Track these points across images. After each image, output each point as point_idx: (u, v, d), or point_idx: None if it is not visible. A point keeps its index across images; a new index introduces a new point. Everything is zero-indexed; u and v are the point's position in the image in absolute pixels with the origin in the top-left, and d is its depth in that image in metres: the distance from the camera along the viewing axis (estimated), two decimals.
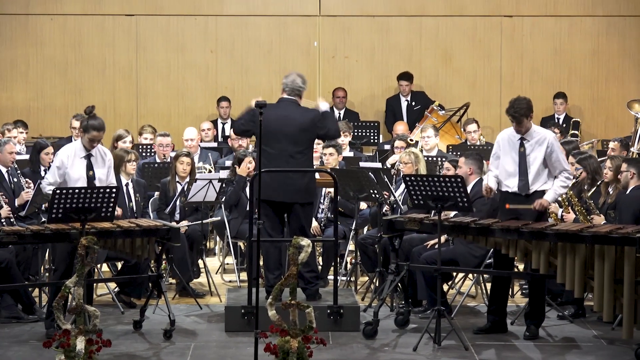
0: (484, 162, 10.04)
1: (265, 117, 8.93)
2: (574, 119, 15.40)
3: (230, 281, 11.39)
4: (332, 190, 10.47)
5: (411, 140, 12.55)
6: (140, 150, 12.80)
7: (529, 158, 8.93)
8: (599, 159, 10.84)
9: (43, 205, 10.21)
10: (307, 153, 9.37)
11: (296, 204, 9.26)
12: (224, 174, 11.42)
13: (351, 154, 13.25)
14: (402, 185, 10.36)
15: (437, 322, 8.61)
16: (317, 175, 10.14)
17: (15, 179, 10.51)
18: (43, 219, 10.09)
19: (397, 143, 12.30)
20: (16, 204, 10.35)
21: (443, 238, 9.52)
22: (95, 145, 8.99)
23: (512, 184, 8.96)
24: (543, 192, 8.95)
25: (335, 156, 11.54)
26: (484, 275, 10.15)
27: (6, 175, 10.50)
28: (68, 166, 8.92)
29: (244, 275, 11.14)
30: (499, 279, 9.14)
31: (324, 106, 9.52)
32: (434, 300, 9.12)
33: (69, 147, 9.05)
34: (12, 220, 9.95)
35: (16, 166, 10.65)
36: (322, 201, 11.14)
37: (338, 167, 11.41)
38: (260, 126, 8.16)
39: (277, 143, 9.22)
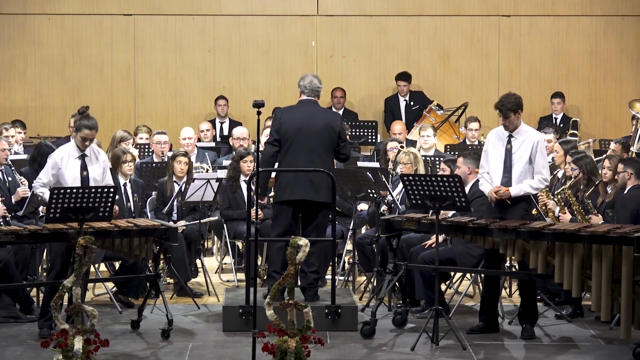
0: None
1: (290, 118, 9.31)
2: (573, 119, 15.41)
3: (228, 281, 11.39)
4: None
5: (402, 146, 12.35)
6: (137, 150, 12.78)
7: (515, 156, 8.95)
8: (597, 159, 10.83)
9: (40, 208, 10.18)
10: (331, 152, 9.45)
11: (318, 203, 9.29)
12: (222, 173, 11.42)
13: None
14: (400, 185, 10.36)
15: (434, 321, 8.61)
16: None
17: (10, 177, 10.50)
18: (41, 214, 10.09)
19: (391, 144, 12.26)
20: (13, 201, 10.35)
21: (441, 238, 9.52)
22: (87, 144, 9.00)
23: (497, 180, 8.99)
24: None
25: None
26: (482, 275, 10.14)
27: (0, 174, 10.49)
28: (62, 167, 8.93)
29: (241, 275, 11.14)
30: (490, 279, 9.14)
31: None
32: (431, 300, 9.13)
33: (63, 149, 9.08)
34: (7, 218, 9.95)
35: (10, 164, 10.63)
36: None
37: (335, 167, 11.39)
38: (258, 126, 8.15)
39: (302, 141, 9.28)
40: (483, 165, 9.18)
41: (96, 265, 10.38)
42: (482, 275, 9.43)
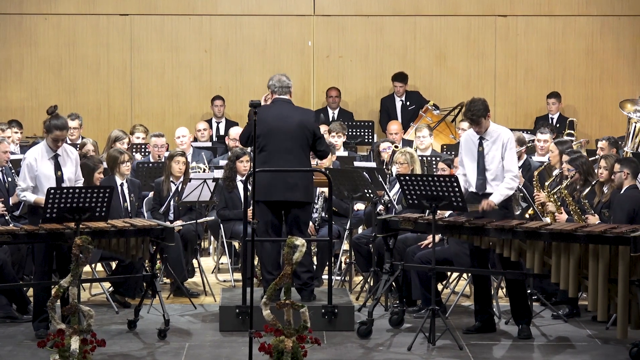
0: None
1: (262, 117, 9.09)
2: (569, 119, 15.40)
3: (224, 281, 11.39)
4: (326, 190, 10.48)
5: (396, 146, 12.34)
6: (134, 150, 12.79)
7: (487, 157, 8.98)
8: (590, 159, 10.83)
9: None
10: (306, 151, 9.38)
11: (295, 203, 9.26)
12: (218, 173, 11.42)
13: (345, 154, 13.26)
14: (397, 185, 10.36)
15: (431, 321, 8.62)
16: None
17: (9, 179, 10.50)
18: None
19: (384, 145, 12.25)
20: (11, 203, 10.34)
21: (437, 238, 9.52)
22: (59, 145, 8.95)
23: (472, 183, 9.01)
24: None
25: (329, 156, 11.54)
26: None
27: (0, 175, 10.49)
28: (37, 168, 8.88)
29: (238, 275, 11.15)
30: (479, 278, 9.14)
31: None
32: (428, 300, 9.13)
33: (35, 150, 9.00)
34: (7, 218, 9.94)
35: (10, 165, 10.64)
36: (316, 201, 11.14)
37: (332, 167, 11.41)
38: (254, 126, 8.16)
39: (275, 141, 9.22)
40: (459, 167, 9.21)
41: (93, 265, 10.38)
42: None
